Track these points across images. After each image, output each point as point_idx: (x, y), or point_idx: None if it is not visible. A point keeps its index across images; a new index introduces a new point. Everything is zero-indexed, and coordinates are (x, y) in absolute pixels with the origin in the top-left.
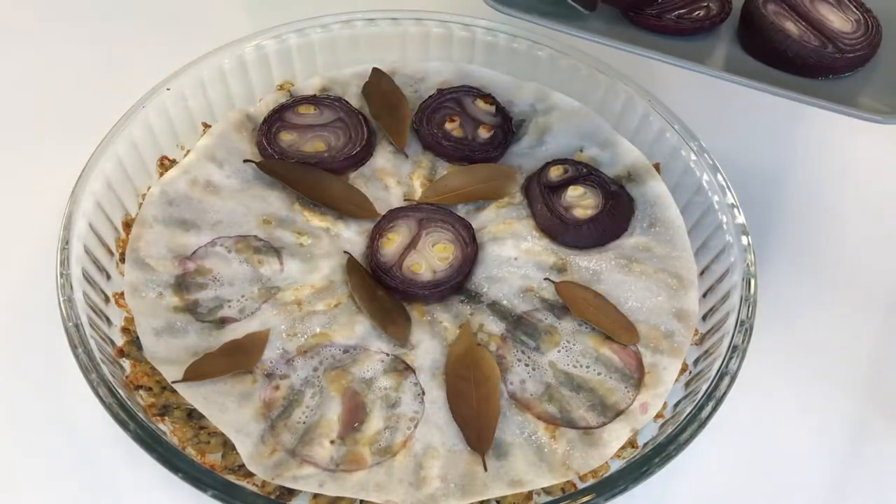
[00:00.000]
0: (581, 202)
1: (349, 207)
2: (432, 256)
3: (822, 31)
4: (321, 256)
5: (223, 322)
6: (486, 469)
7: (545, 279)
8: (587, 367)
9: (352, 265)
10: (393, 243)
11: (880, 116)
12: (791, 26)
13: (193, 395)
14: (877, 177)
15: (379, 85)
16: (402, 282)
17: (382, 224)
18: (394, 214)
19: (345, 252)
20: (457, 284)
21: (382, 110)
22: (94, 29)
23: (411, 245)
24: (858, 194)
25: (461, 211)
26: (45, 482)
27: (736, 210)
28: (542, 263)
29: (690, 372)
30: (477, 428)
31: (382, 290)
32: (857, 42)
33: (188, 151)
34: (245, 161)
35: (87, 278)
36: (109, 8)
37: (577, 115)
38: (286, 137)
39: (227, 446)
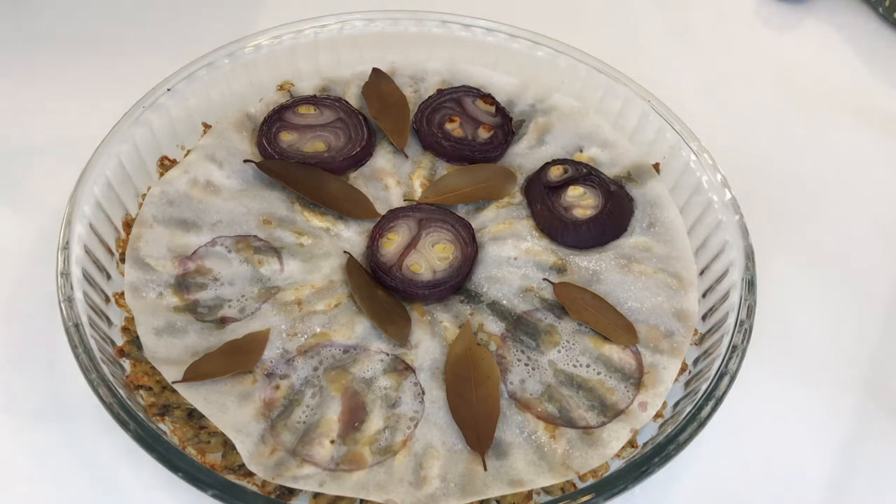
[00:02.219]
0: (581, 202)
1: (349, 207)
2: (432, 256)
3: None
4: (321, 256)
5: (223, 322)
6: (485, 468)
7: (544, 280)
8: (587, 366)
9: (352, 265)
10: (393, 243)
11: None
12: None
13: (193, 395)
14: (877, 176)
15: (379, 85)
16: (401, 282)
17: (382, 224)
18: (394, 214)
19: (345, 252)
20: (456, 284)
21: (382, 110)
22: (94, 28)
23: (411, 245)
24: (858, 193)
25: (461, 211)
26: (45, 482)
27: (735, 210)
28: (541, 263)
29: (690, 372)
30: (476, 427)
31: (382, 290)
32: None
33: (188, 151)
34: (245, 161)
35: (88, 278)
36: (110, 7)
37: (577, 115)
38: (286, 138)
39: (228, 446)
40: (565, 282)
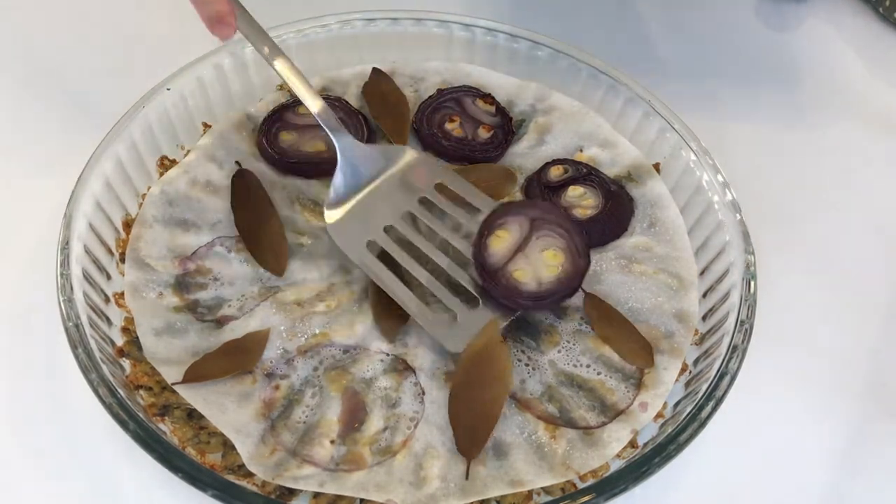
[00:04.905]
0: (581, 202)
1: None
2: (539, 264)
3: None
4: (321, 256)
5: (223, 322)
6: (467, 477)
7: (582, 290)
8: (587, 366)
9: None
10: (503, 241)
11: None
12: None
13: (193, 396)
14: (877, 176)
15: (379, 85)
16: (505, 288)
17: (492, 219)
18: (506, 209)
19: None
20: (563, 298)
21: (382, 110)
22: (94, 28)
23: (520, 247)
24: (859, 193)
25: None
26: (45, 482)
27: (736, 210)
28: None
29: (690, 372)
30: (473, 430)
31: None
32: None
33: (188, 151)
34: (237, 162)
35: (87, 278)
36: (109, 7)
37: (577, 115)
38: (286, 138)
39: (228, 446)
40: (596, 296)
